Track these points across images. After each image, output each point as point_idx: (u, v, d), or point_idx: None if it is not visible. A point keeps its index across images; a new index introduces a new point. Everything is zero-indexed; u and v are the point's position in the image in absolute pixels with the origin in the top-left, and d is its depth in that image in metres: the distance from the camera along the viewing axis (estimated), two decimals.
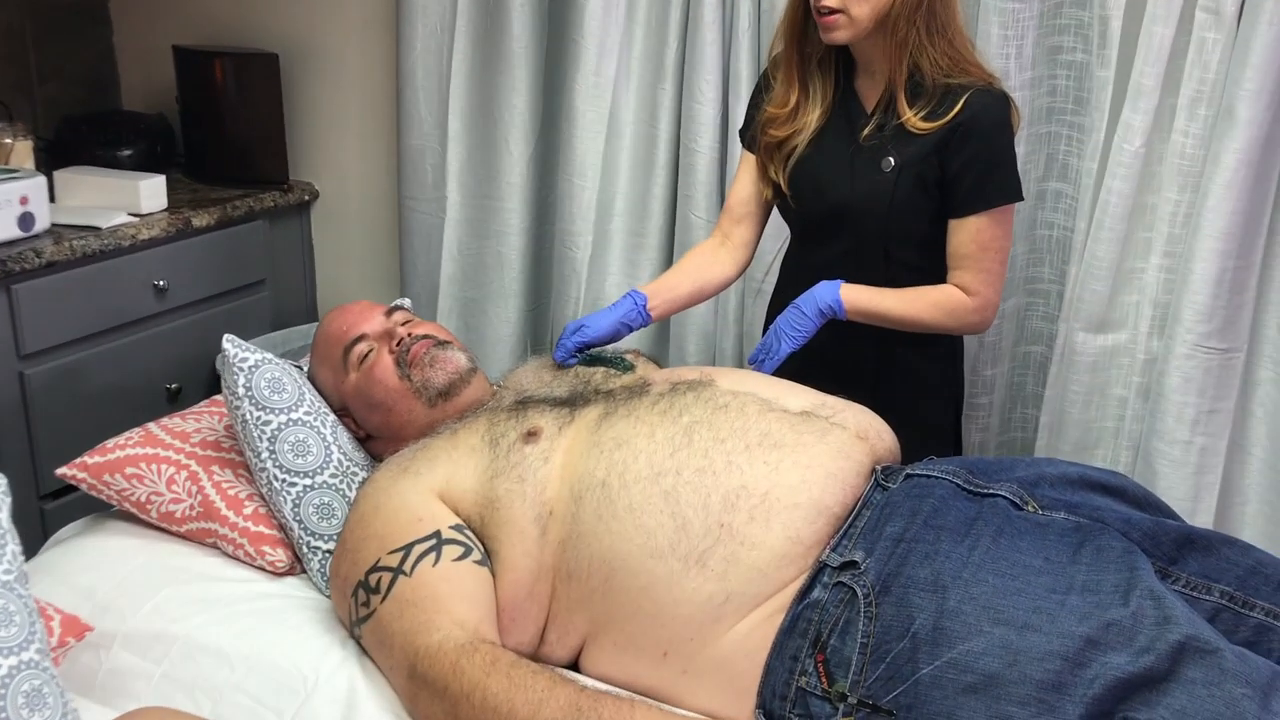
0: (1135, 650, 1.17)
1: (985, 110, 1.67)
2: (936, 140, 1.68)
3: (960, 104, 1.66)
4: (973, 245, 1.73)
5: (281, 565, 1.59)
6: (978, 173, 1.69)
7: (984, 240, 1.72)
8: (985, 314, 1.77)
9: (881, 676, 1.24)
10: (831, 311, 1.73)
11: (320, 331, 1.73)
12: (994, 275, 1.75)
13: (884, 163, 1.72)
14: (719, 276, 1.91)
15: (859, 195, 1.75)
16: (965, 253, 1.73)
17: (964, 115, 1.66)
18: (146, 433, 1.71)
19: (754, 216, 1.92)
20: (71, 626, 1.40)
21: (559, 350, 1.74)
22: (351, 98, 2.69)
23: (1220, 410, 1.93)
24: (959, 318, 1.76)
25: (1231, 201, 1.82)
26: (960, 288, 1.75)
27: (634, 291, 1.81)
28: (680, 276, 1.88)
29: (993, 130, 1.68)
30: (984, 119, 1.67)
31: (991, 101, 1.68)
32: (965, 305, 1.75)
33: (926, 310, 1.75)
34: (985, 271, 1.74)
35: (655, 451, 1.41)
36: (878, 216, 1.74)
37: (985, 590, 1.25)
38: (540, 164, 2.49)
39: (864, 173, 1.75)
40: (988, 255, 1.73)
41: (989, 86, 1.69)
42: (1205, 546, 1.34)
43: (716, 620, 1.33)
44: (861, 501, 1.42)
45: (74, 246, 2.16)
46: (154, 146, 2.68)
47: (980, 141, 1.68)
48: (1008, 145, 1.71)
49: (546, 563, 1.41)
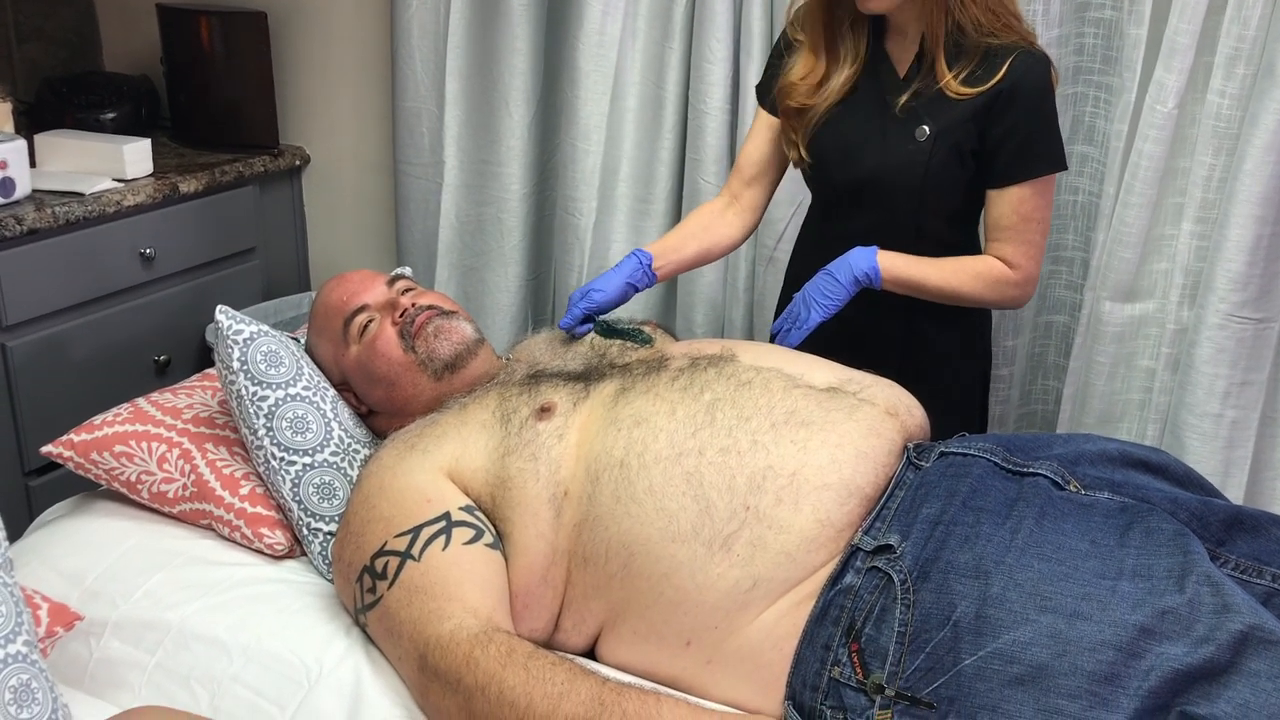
0: (1193, 640, 1.11)
1: (1029, 74, 1.58)
2: (977, 106, 1.60)
3: (1005, 69, 1.57)
4: (1015, 217, 1.65)
5: (281, 548, 1.52)
6: (1020, 141, 1.61)
7: (1026, 211, 1.64)
8: (1027, 288, 1.70)
9: (921, 667, 1.18)
10: (867, 280, 1.64)
11: (318, 302, 1.65)
12: (1036, 248, 1.67)
13: (918, 131, 1.63)
14: (726, 239, 1.83)
15: (890, 166, 1.67)
16: (1007, 224, 1.66)
17: (1007, 81, 1.58)
18: (135, 409, 1.63)
19: (766, 179, 1.84)
20: (60, 615, 1.32)
21: (567, 318, 1.67)
22: (344, 58, 2.61)
23: (1253, 382, 1.87)
24: (1000, 290, 1.69)
25: (1270, 165, 1.75)
26: (1001, 260, 1.67)
27: (638, 251, 1.74)
28: (686, 237, 1.81)
29: (1037, 96, 1.60)
30: (1028, 84, 1.59)
31: (1035, 64, 1.59)
32: (1007, 278, 1.68)
33: (968, 282, 1.67)
34: (1027, 244, 1.66)
35: (676, 430, 1.35)
36: (910, 189, 1.66)
37: (1030, 576, 1.19)
38: (541, 127, 2.41)
39: (896, 142, 1.66)
40: (1030, 227, 1.65)
41: (1031, 48, 1.60)
42: (1254, 527, 1.28)
43: (743, 608, 1.27)
44: (894, 481, 1.35)
45: (56, 213, 2.09)
46: (138, 109, 2.60)
47: (1024, 108, 1.59)
48: (1051, 112, 1.63)
49: (561, 546, 1.34)
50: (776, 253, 2.19)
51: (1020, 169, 1.63)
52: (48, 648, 1.31)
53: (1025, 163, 1.62)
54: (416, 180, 2.52)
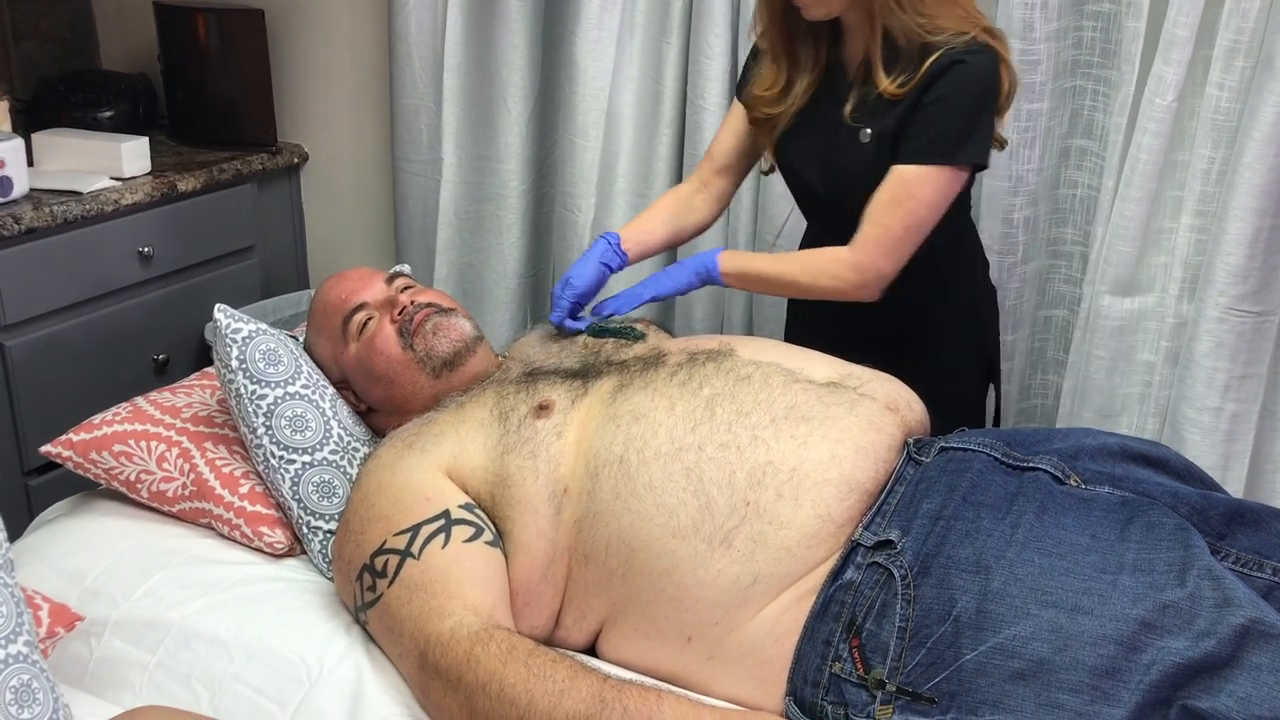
0: (1194, 634, 1.11)
1: (953, 68, 1.54)
2: (907, 105, 1.57)
3: (928, 64, 1.54)
4: (886, 195, 1.57)
5: (280, 546, 1.52)
6: (927, 124, 1.56)
7: (898, 194, 1.56)
8: (864, 275, 1.60)
9: (922, 662, 1.18)
10: (707, 272, 1.68)
11: (317, 300, 1.64)
12: (890, 236, 1.57)
13: (862, 134, 1.63)
14: (694, 222, 1.85)
15: (842, 169, 1.67)
16: (877, 201, 1.58)
17: (928, 76, 1.54)
18: (135, 408, 1.63)
19: (736, 168, 1.85)
20: (61, 616, 1.32)
21: (555, 312, 1.67)
22: (341, 55, 2.60)
23: (1253, 376, 1.87)
24: (831, 274, 1.61)
25: (1270, 158, 1.74)
26: (852, 241, 1.61)
27: (606, 233, 1.75)
28: (656, 221, 1.82)
29: (957, 88, 1.54)
30: (950, 76, 1.54)
31: (966, 60, 1.54)
32: (839, 259, 1.61)
33: (796, 268, 1.66)
34: (882, 227, 1.57)
35: (675, 425, 1.34)
36: (859, 188, 1.63)
37: (1031, 570, 1.19)
38: (540, 123, 2.40)
39: (846, 145, 1.65)
40: (893, 212, 1.57)
41: (974, 44, 1.55)
42: (1254, 521, 1.28)
43: (743, 603, 1.27)
44: (894, 477, 1.35)
45: (54, 212, 2.09)
46: (136, 107, 2.59)
47: (937, 98, 1.54)
48: (974, 107, 1.55)
49: (562, 543, 1.34)
50: (775, 246, 2.18)
51: (912, 150, 1.57)
52: (48, 648, 1.30)
53: (918, 144, 1.56)
54: (415, 177, 2.51)
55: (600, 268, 1.71)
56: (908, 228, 1.58)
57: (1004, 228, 2.01)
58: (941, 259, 1.69)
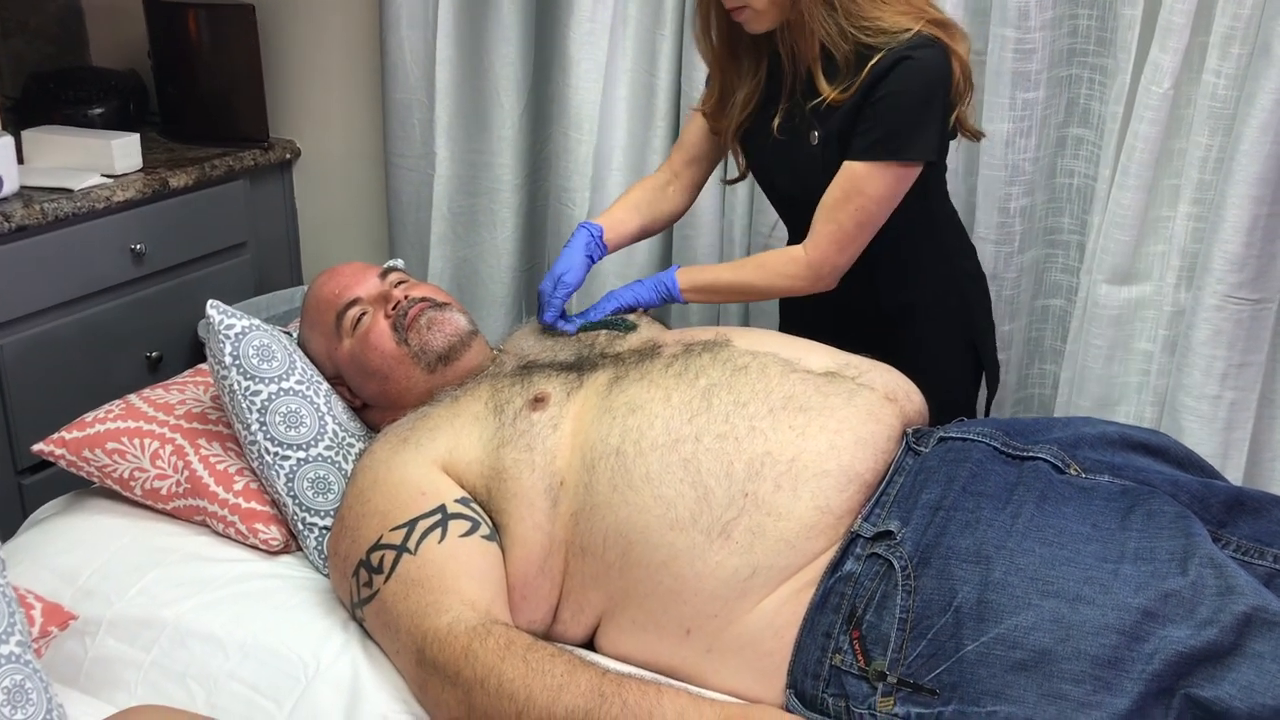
0: (1197, 623, 1.10)
1: (899, 65, 1.53)
2: (851, 108, 1.57)
3: (870, 65, 1.54)
4: (837, 191, 1.59)
5: (276, 543, 1.51)
6: (874, 121, 1.56)
7: (849, 190, 1.58)
8: (818, 271, 1.63)
9: (923, 654, 1.17)
10: (668, 292, 1.69)
11: (311, 295, 1.63)
12: (842, 232, 1.59)
13: (811, 136, 1.64)
14: (667, 212, 1.85)
15: (796, 172, 1.68)
16: (829, 198, 1.60)
17: (872, 76, 1.54)
18: (127, 405, 1.62)
19: (707, 158, 1.86)
20: (54, 615, 1.31)
21: (549, 311, 1.65)
22: (333, 50, 2.59)
23: (1251, 363, 1.86)
24: (787, 274, 1.64)
25: (1267, 145, 1.73)
26: (806, 239, 1.63)
27: (586, 223, 1.74)
28: (630, 212, 1.81)
29: (902, 85, 1.54)
30: (896, 74, 1.53)
31: (911, 56, 1.53)
32: (792, 258, 1.64)
33: (751, 273, 1.68)
34: (833, 223, 1.59)
35: (672, 417, 1.34)
36: (815, 191, 1.64)
37: (1032, 560, 1.18)
38: (533, 116, 2.39)
39: (798, 147, 1.66)
40: (846, 208, 1.58)
41: (919, 38, 1.53)
42: (1255, 508, 1.28)
43: (742, 595, 1.26)
44: (893, 467, 1.35)
45: (45, 210, 2.07)
46: (126, 104, 2.58)
47: (884, 95, 1.55)
48: (920, 103, 1.55)
49: (559, 536, 1.33)
50: (771, 239, 2.17)
51: (861, 145, 1.57)
52: (42, 648, 1.29)
53: (867, 142, 1.57)
54: (408, 172, 2.50)
55: (586, 260, 1.71)
56: (859, 224, 1.60)
57: (1000, 217, 2.00)
58: (914, 243, 1.70)
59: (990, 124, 1.95)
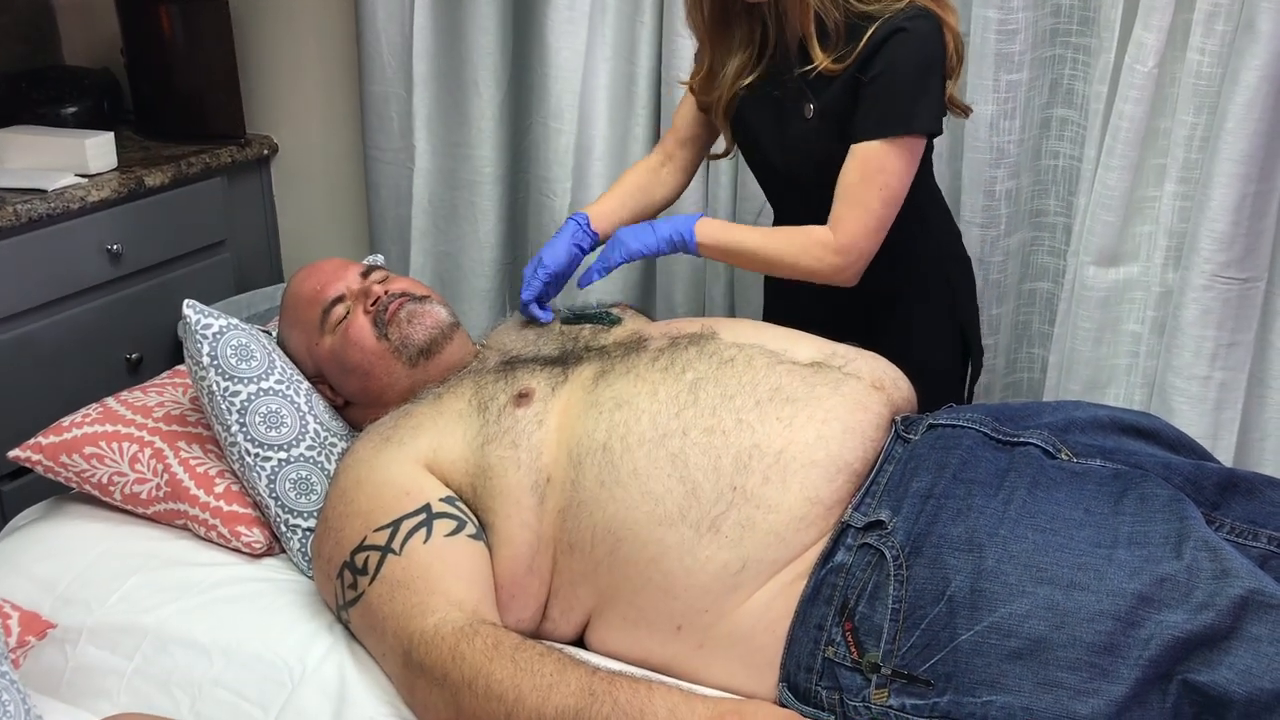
0: (1193, 607, 1.09)
1: (894, 37, 1.52)
2: (847, 80, 1.56)
3: (865, 38, 1.53)
4: (855, 174, 1.56)
5: (259, 546, 1.49)
6: (877, 98, 1.55)
7: (868, 170, 1.55)
8: (848, 257, 1.58)
9: (916, 644, 1.15)
10: (681, 240, 1.62)
11: (290, 292, 1.61)
12: (870, 215, 1.56)
13: (805, 109, 1.62)
14: (662, 196, 1.83)
15: (787, 147, 1.66)
16: (847, 182, 1.57)
17: (868, 49, 1.53)
18: (105, 409, 1.59)
19: (700, 139, 1.83)
20: (32, 624, 1.29)
21: (526, 290, 1.63)
22: (308, 43, 2.55)
23: (1240, 343, 1.85)
24: (814, 255, 1.59)
25: (1252, 123, 1.72)
26: (832, 223, 1.59)
27: (575, 214, 1.73)
28: (623, 199, 1.79)
29: (900, 57, 1.53)
30: (891, 45, 1.52)
31: (905, 28, 1.52)
32: (821, 242, 1.58)
33: (778, 244, 1.61)
34: (860, 207, 1.56)
35: (659, 411, 1.32)
36: (808, 166, 1.63)
37: (1025, 547, 1.17)
38: (513, 107, 2.36)
39: (790, 122, 1.65)
40: (869, 189, 1.56)
41: (912, 8, 1.53)
42: (1248, 490, 1.26)
43: (733, 590, 1.24)
44: (883, 456, 1.33)
45: (19, 211, 2.04)
46: (100, 102, 2.54)
47: (884, 68, 1.53)
48: (920, 73, 1.54)
49: (546, 534, 1.31)
50: (758, 223, 2.15)
51: (871, 124, 1.55)
52: (19, 658, 1.27)
53: (877, 118, 1.55)
54: (387, 166, 2.47)
55: (573, 249, 1.69)
56: (884, 202, 1.57)
57: (986, 200, 1.99)
58: (901, 225, 1.66)
59: (974, 107, 1.92)
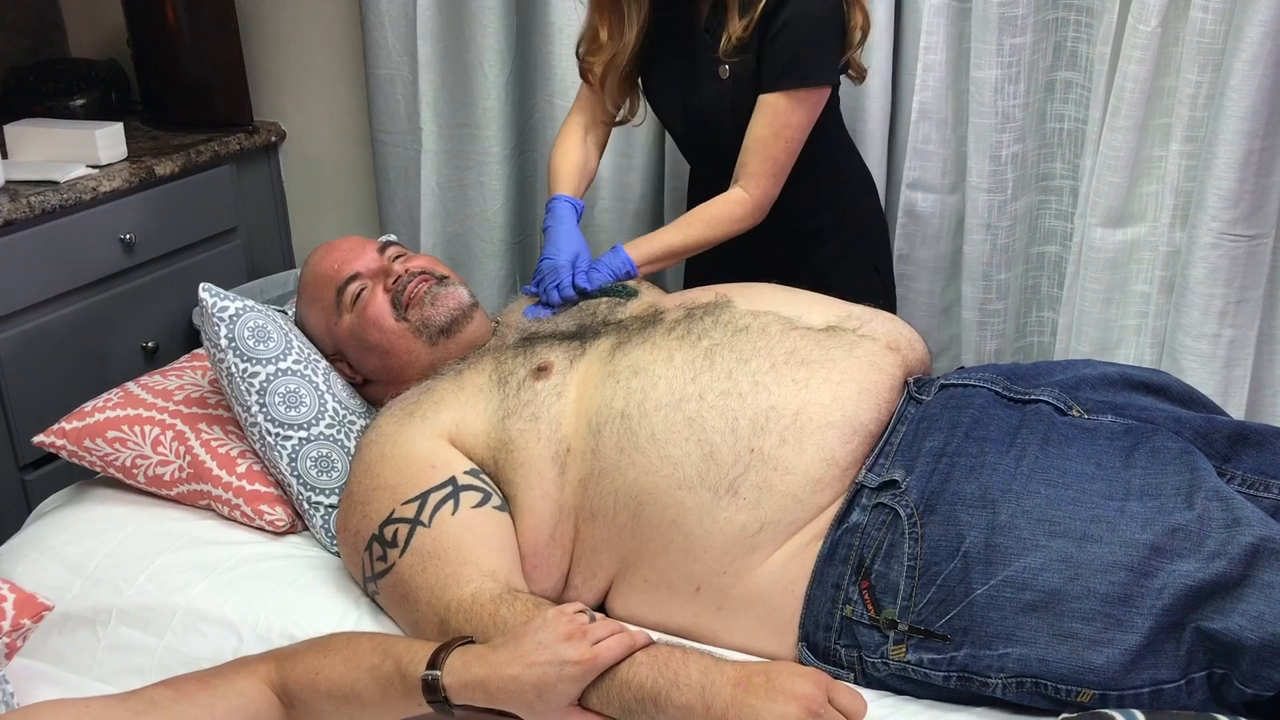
0: (1205, 556, 1.11)
1: None
2: (755, 41, 1.64)
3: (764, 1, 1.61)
4: (766, 129, 1.66)
5: (282, 524, 1.51)
6: (780, 53, 1.64)
7: (776, 125, 1.66)
8: (762, 208, 1.72)
9: (933, 600, 1.17)
10: (625, 271, 1.69)
11: (308, 271, 1.62)
12: (778, 166, 1.69)
13: (721, 70, 1.70)
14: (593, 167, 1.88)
15: (703, 107, 1.74)
16: (756, 135, 1.67)
17: (768, 7, 1.61)
18: (126, 393, 1.61)
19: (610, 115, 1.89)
20: (27, 606, 1.26)
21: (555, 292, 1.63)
22: (313, 28, 2.56)
23: (1249, 300, 1.86)
24: (735, 220, 1.71)
25: (1256, 79, 1.72)
26: (741, 179, 1.70)
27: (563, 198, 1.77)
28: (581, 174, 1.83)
29: (798, 12, 1.62)
30: (789, 7, 1.61)
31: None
32: (738, 202, 1.70)
33: (702, 229, 1.72)
34: (770, 160, 1.68)
35: (675, 377, 1.33)
36: (725, 129, 1.71)
37: (1038, 502, 1.18)
38: (518, 86, 2.37)
39: (704, 84, 1.72)
40: (776, 143, 1.67)
41: None
42: (1259, 441, 1.28)
43: (751, 551, 1.26)
44: (896, 416, 1.34)
45: (32, 203, 2.05)
46: (108, 94, 2.56)
47: (783, 24, 1.62)
48: (820, 30, 1.64)
49: (568, 503, 1.33)
50: None
51: (778, 77, 1.65)
52: (17, 640, 1.26)
53: (777, 74, 1.65)
54: (394, 149, 2.48)
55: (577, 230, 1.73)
56: (789, 153, 1.69)
57: (992, 165, 1.99)
58: (818, 169, 1.77)
59: (978, 71, 1.94)
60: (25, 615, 1.28)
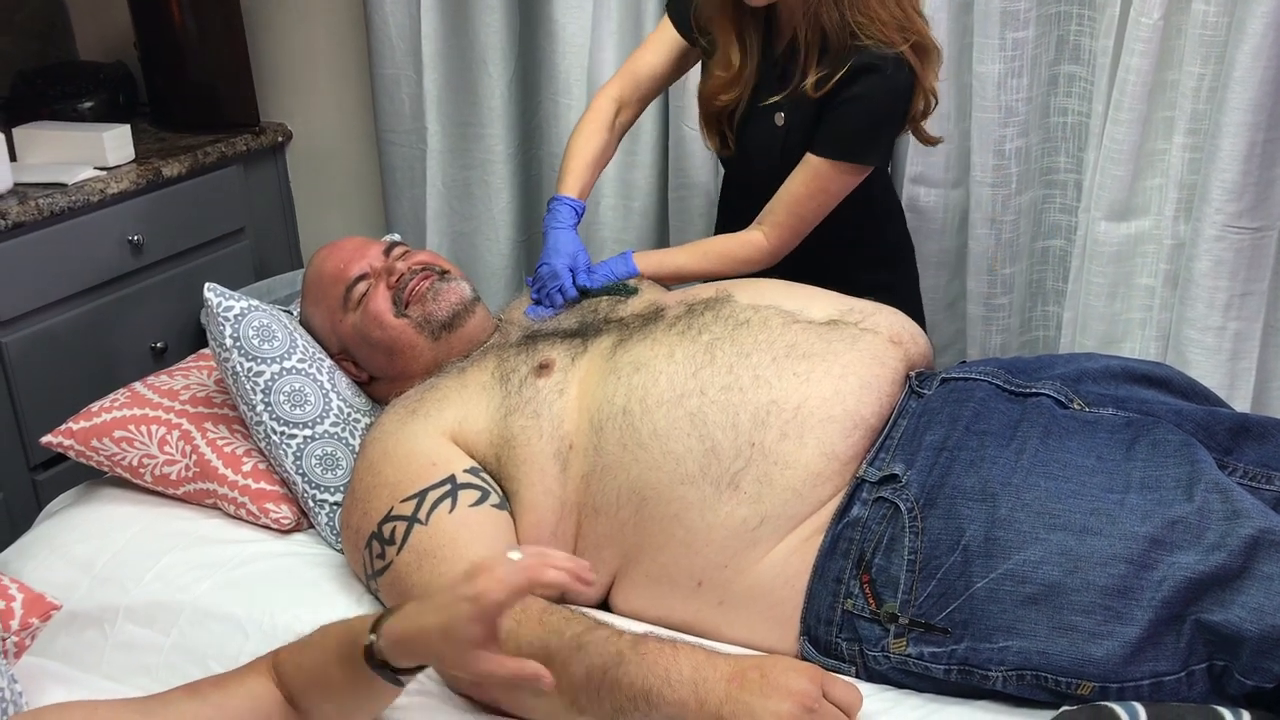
0: (1204, 548, 1.11)
1: (871, 72, 1.59)
2: (820, 103, 1.64)
3: (845, 69, 1.59)
4: (803, 187, 1.68)
5: (287, 522, 1.52)
6: (841, 122, 1.64)
7: (815, 188, 1.68)
8: (776, 257, 1.74)
9: (933, 594, 1.18)
10: (628, 271, 1.69)
11: (313, 270, 1.63)
12: (804, 225, 1.71)
13: (777, 116, 1.70)
14: (610, 155, 1.87)
15: (751, 146, 1.75)
16: (793, 190, 1.69)
17: (848, 75, 1.60)
18: (133, 393, 1.62)
19: (650, 98, 1.89)
20: (35, 606, 1.28)
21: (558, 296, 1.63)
22: (318, 29, 2.57)
23: (1254, 292, 1.86)
24: (749, 260, 1.73)
25: (1259, 71, 1.72)
26: (765, 222, 1.72)
27: (564, 199, 1.75)
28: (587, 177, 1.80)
29: (870, 91, 1.60)
30: (867, 79, 1.60)
31: (882, 68, 1.58)
32: (755, 248, 1.73)
33: (716, 263, 1.74)
34: (797, 217, 1.70)
35: (676, 372, 1.34)
36: (768, 170, 1.72)
37: (1038, 495, 1.18)
38: (522, 85, 2.38)
39: (758, 120, 1.73)
40: (810, 203, 1.69)
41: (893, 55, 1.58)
42: (1261, 434, 1.27)
43: (751, 545, 1.27)
44: (896, 410, 1.35)
45: (40, 205, 2.07)
46: (115, 96, 2.57)
47: (853, 96, 1.62)
48: (884, 114, 1.65)
49: (570, 500, 1.34)
50: None
51: (830, 143, 1.65)
52: (25, 639, 1.28)
53: (830, 141, 1.65)
54: (400, 148, 2.49)
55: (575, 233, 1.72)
56: (818, 215, 1.71)
57: (996, 159, 1.99)
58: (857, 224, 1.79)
59: (981, 65, 1.94)
60: (34, 615, 1.29)
